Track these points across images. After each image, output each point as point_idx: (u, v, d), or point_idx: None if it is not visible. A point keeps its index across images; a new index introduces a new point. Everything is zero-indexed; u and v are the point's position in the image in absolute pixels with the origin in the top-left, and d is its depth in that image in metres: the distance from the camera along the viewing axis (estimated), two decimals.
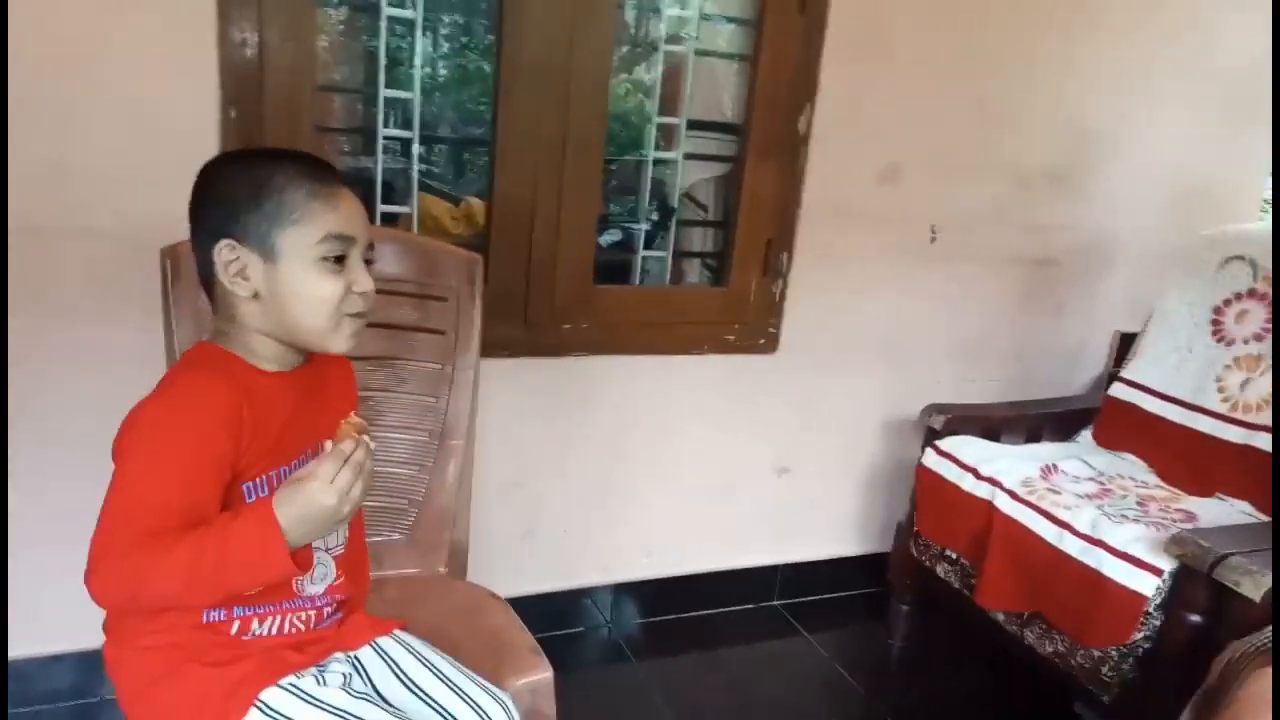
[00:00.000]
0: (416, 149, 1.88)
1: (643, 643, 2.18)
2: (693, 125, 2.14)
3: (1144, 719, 1.51)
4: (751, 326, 2.15)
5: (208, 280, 1.01)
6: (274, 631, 1.04)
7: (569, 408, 2.04)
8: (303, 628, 1.07)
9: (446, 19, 3.79)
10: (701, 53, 2.11)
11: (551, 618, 2.11)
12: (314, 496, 0.89)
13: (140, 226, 1.47)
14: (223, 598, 0.97)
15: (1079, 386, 2.52)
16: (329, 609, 1.10)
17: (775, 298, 2.15)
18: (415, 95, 1.85)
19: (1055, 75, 2.26)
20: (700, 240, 2.40)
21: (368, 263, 1.03)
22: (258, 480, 0.99)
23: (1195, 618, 1.53)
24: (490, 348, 1.86)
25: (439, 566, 1.45)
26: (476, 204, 2.70)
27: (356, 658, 1.12)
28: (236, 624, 1.02)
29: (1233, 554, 1.48)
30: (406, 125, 1.89)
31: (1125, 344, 2.29)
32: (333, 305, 0.99)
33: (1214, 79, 2.44)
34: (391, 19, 1.79)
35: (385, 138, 1.84)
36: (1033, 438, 2.20)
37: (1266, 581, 1.42)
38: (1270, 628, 1.43)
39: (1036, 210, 2.35)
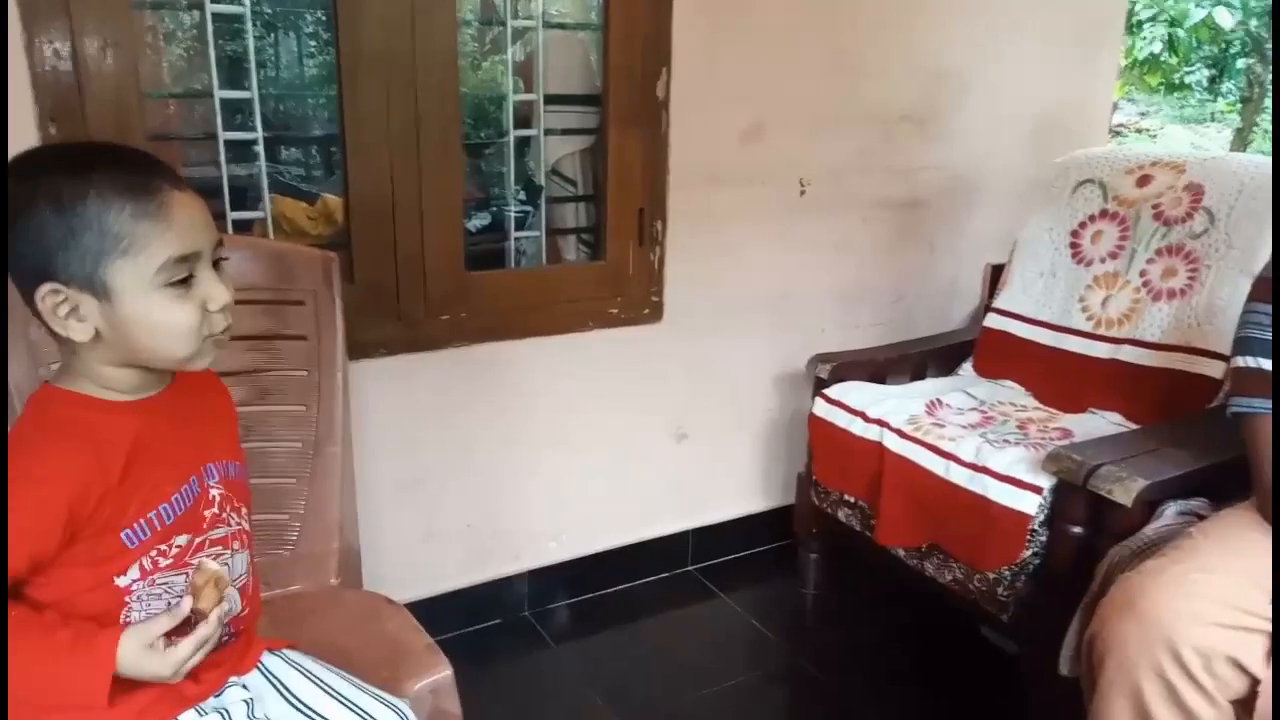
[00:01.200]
0: (262, 149, 1.80)
1: (563, 626, 2.17)
2: (554, 100, 2.10)
3: (1042, 633, 1.57)
4: (633, 298, 2.13)
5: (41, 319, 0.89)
6: None
7: (458, 400, 2.00)
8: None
9: (280, 11, 3.65)
10: (552, 25, 2.07)
11: (467, 614, 2.08)
12: (159, 673, 0.87)
13: None
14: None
15: (958, 321, 2.59)
16: (225, 637, 1.03)
17: (654, 266, 2.14)
18: (254, 94, 1.77)
19: (906, 19, 2.30)
20: (573, 216, 2.37)
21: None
22: (137, 525, 0.90)
23: (1077, 529, 1.60)
24: (366, 348, 1.81)
25: (329, 579, 1.39)
26: (334, 201, 2.61)
27: (245, 684, 1.05)
28: None
29: (1104, 464, 1.54)
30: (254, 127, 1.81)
31: (997, 275, 2.36)
32: (190, 333, 0.88)
33: (1061, 9, 2.51)
34: (217, 15, 1.71)
35: (229, 141, 1.76)
36: (917, 376, 2.26)
37: (1136, 486, 1.48)
38: (1144, 530, 1.51)
39: (900, 154, 2.39)
